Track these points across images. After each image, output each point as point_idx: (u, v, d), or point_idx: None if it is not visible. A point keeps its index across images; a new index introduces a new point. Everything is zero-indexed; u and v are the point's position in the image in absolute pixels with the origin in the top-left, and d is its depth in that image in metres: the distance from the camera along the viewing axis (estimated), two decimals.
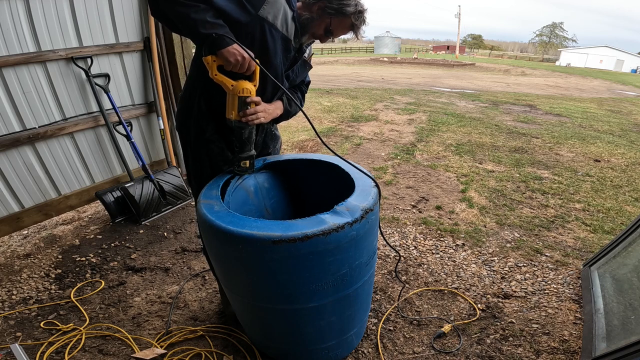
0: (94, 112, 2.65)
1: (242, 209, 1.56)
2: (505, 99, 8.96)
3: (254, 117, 1.33)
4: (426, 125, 5.78)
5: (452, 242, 2.50)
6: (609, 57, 38.24)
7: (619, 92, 13.14)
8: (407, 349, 1.65)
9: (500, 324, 1.77)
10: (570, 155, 4.40)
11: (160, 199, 2.86)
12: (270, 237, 1.06)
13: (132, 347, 1.63)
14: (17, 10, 2.11)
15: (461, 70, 21.61)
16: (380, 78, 13.82)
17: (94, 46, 2.52)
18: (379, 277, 2.13)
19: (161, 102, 2.95)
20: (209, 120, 1.44)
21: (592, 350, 1.49)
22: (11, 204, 2.39)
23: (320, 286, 1.19)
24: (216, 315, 1.85)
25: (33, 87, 2.29)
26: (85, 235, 2.62)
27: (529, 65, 27.85)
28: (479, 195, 3.21)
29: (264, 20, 1.29)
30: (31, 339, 1.69)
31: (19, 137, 2.29)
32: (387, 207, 3.01)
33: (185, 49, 3.03)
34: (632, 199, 3.21)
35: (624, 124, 6.60)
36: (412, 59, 28.34)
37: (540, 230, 2.65)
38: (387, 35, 50.14)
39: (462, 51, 54.16)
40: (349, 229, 1.11)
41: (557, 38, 67.78)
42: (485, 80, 14.67)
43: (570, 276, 2.12)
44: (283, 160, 1.59)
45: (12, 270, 2.21)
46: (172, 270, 2.21)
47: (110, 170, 2.89)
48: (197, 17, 1.17)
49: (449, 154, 4.34)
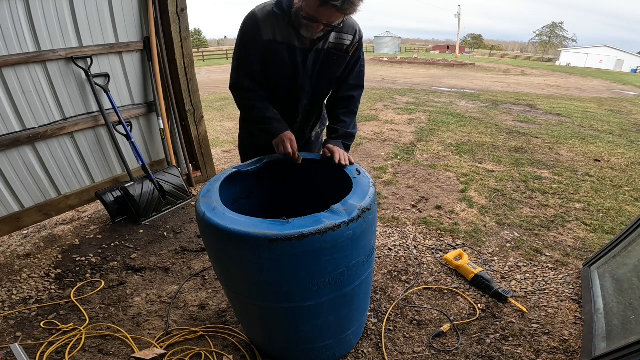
0: (93, 112, 2.65)
1: (240, 207, 1.56)
2: (505, 99, 8.95)
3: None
4: (426, 125, 5.78)
5: (452, 241, 2.50)
6: (609, 57, 38.19)
7: (619, 92, 13.13)
8: (407, 348, 1.65)
9: (500, 323, 1.77)
10: (570, 155, 4.39)
11: (160, 198, 2.86)
12: (267, 235, 1.06)
13: (132, 347, 1.63)
14: (17, 10, 2.11)
15: (461, 70, 21.60)
16: (380, 78, 13.82)
17: (94, 46, 2.52)
18: (378, 277, 2.13)
19: (161, 102, 2.95)
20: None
21: (592, 350, 1.49)
22: (11, 203, 2.40)
23: (316, 285, 1.19)
24: (216, 315, 1.85)
25: (33, 87, 2.29)
26: (85, 235, 2.62)
27: (529, 65, 27.82)
28: (479, 195, 3.21)
29: (267, 42, 1.40)
30: (31, 339, 1.69)
31: (19, 137, 2.29)
32: (387, 207, 3.01)
33: (185, 48, 3.03)
34: (632, 198, 3.21)
35: (624, 123, 6.59)
36: (412, 59, 28.33)
37: (540, 230, 2.65)
38: (387, 35, 50.09)
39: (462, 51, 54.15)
40: (345, 228, 1.11)
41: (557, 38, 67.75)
42: (485, 80, 14.66)
43: (570, 276, 2.12)
44: (281, 159, 1.59)
45: (12, 270, 2.21)
46: (172, 270, 2.22)
47: (110, 170, 2.89)
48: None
49: (449, 154, 4.34)
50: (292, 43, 1.41)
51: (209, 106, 7.50)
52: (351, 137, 1.64)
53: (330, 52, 1.48)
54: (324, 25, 1.31)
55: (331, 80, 1.60)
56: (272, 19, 1.38)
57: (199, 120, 3.32)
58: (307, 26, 1.33)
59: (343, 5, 1.20)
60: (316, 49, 1.45)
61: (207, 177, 3.53)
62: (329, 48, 1.48)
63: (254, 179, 1.59)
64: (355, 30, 1.51)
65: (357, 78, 1.62)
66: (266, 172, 1.60)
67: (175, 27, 2.90)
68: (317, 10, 1.25)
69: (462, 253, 2.22)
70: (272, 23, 1.38)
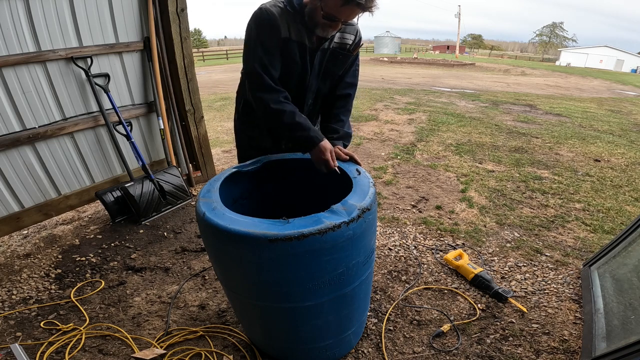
0: (93, 112, 2.65)
1: (240, 208, 1.56)
2: (505, 99, 8.95)
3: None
4: (426, 125, 5.78)
5: (452, 241, 2.50)
6: (609, 57, 38.19)
7: (619, 92, 13.12)
8: (407, 348, 1.65)
9: (500, 323, 1.77)
10: (570, 155, 4.39)
11: (160, 198, 2.86)
12: (267, 235, 1.06)
13: (132, 347, 1.63)
14: (17, 10, 2.11)
15: (461, 70, 21.59)
16: (380, 78, 13.81)
17: (93, 46, 2.52)
18: (378, 277, 2.13)
19: (161, 102, 2.95)
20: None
21: (592, 350, 1.49)
22: (11, 203, 2.40)
23: (316, 285, 1.19)
24: (216, 315, 1.85)
25: (33, 87, 2.29)
26: (85, 235, 2.62)
27: (529, 65, 27.82)
28: (479, 195, 3.21)
29: (284, 40, 1.38)
30: (31, 339, 1.69)
31: (19, 137, 2.29)
32: (387, 207, 3.01)
33: (185, 48, 3.03)
34: (632, 198, 3.21)
35: (624, 123, 6.59)
36: (412, 59, 28.32)
37: (540, 230, 2.65)
38: (387, 35, 50.07)
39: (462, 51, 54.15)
40: (345, 228, 1.11)
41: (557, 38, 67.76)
42: (485, 80, 14.66)
43: (570, 276, 2.12)
44: (280, 159, 1.59)
45: (12, 270, 2.21)
46: (172, 270, 2.22)
47: (110, 170, 2.89)
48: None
49: (449, 154, 4.34)
50: (304, 42, 1.42)
51: (209, 106, 7.50)
52: (350, 137, 1.68)
53: (335, 52, 1.51)
54: (342, 24, 1.34)
55: (334, 79, 1.62)
56: (286, 16, 1.37)
57: (199, 120, 3.32)
58: (324, 25, 1.34)
59: (367, 2, 1.23)
60: (322, 48, 1.47)
61: (207, 177, 3.53)
62: (334, 48, 1.50)
63: (254, 179, 1.59)
64: (356, 30, 1.54)
65: (353, 76, 1.66)
66: (266, 172, 1.60)
67: (175, 27, 2.90)
68: (339, 9, 1.26)
69: (462, 253, 2.22)
70: (287, 21, 1.37)
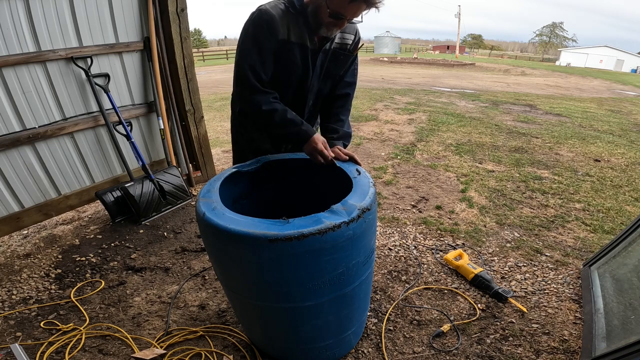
0: (93, 112, 2.65)
1: (240, 208, 1.56)
2: (505, 99, 8.95)
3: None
4: (426, 125, 5.78)
5: (452, 241, 2.50)
6: (609, 57, 38.18)
7: (619, 92, 13.12)
8: (407, 348, 1.65)
9: (500, 323, 1.77)
10: (570, 155, 4.39)
11: (160, 198, 2.86)
12: (267, 235, 1.06)
13: (132, 347, 1.63)
14: (17, 10, 2.11)
15: (461, 70, 21.59)
16: (380, 78, 13.81)
17: (93, 46, 2.53)
18: (378, 277, 2.13)
19: (161, 102, 2.95)
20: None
21: (592, 350, 1.49)
22: (11, 203, 2.40)
23: (316, 285, 1.19)
24: (216, 315, 1.85)
25: (33, 87, 2.29)
26: (85, 235, 2.62)
27: (529, 65, 27.81)
28: (479, 195, 3.21)
29: (282, 42, 1.37)
30: (31, 339, 1.69)
31: (19, 137, 2.29)
32: (387, 207, 3.01)
33: (185, 48, 3.03)
34: (632, 198, 3.21)
35: (624, 123, 6.59)
36: (412, 59, 28.32)
37: (540, 230, 2.65)
38: (387, 35, 50.06)
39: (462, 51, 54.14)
40: (345, 228, 1.11)
41: (557, 38, 67.76)
42: (485, 80, 14.66)
43: (570, 276, 2.12)
44: (280, 159, 1.59)
45: (12, 270, 2.21)
46: (172, 270, 2.22)
47: (110, 170, 2.89)
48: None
49: (449, 154, 4.34)
50: (305, 43, 1.41)
51: (209, 106, 7.50)
52: (350, 137, 1.68)
53: (336, 52, 1.50)
54: (348, 22, 1.33)
55: (335, 80, 1.61)
56: (287, 18, 1.36)
57: (199, 120, 3.32)
58: (329, 24, 1.33)
59: None
60: (323, 49, 1.46)
61: (207, 177, 3.53)
62: (335, 48, 1.49)
63: (253, 179, 1.59)
64: (356, 29, 1.54)
65: (352, 75, 1.66)
66: (266, 172, 1.60)
67: (175, 27, 2.90)
68: (346, 6, 1.26)
69: (462, 253, 2.22)
70: (287, 22, 1.36)
